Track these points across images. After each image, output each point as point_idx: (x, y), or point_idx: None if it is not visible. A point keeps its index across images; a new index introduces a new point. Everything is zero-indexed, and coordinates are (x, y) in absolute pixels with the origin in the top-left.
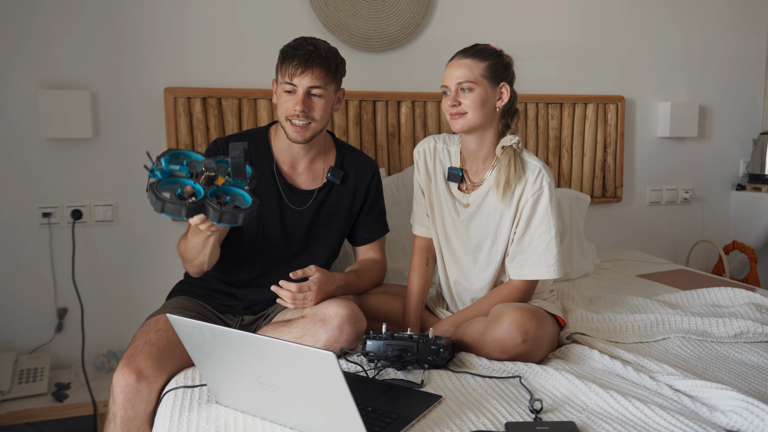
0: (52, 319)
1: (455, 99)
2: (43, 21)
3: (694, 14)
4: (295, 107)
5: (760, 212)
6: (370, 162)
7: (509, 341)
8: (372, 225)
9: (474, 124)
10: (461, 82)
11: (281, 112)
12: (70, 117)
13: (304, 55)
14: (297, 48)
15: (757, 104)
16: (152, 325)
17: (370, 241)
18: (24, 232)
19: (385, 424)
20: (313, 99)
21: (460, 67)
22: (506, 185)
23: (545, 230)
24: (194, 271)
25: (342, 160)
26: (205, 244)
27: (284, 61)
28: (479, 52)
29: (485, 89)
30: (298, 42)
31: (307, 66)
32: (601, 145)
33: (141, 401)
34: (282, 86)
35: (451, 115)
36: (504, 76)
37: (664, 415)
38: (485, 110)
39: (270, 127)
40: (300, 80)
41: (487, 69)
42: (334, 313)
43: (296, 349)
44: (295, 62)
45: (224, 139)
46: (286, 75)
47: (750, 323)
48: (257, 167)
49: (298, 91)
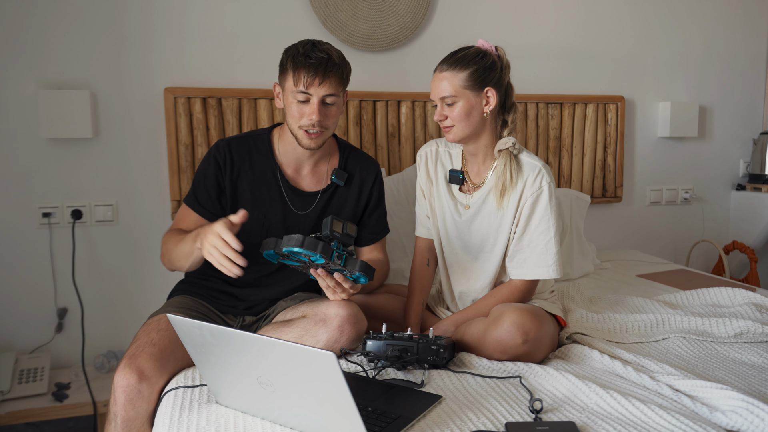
0: (52, 319)
1: (441, 113)
2: (43, 21)
3: (694, 14)
4: (311, 116)
5: (760, 212)
6: (373, 163)
7: (510, 342)
8: (375, 225)
9: (463, 135)
10: (444, 97)
11: (293, 120)
12: (70, 117)
13: (320, 63)
14: (309, 56)
15: (757, 104)
16: (154, 325)
17: (374, 242)
18: (24, 232)
19: (385, 424)
20: (328, 107)
21: (440, 81)
22: (503, 190)
23: (544, 230)
24: (168, 267)
25: (346, 161)
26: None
27: (297, 69)
28: (458, 62)
29: (468, 100)
30: (307, 48)
31: (325, 76)
32: (601, 145)
33: (142, 402)
34: (294, 95)
35: (442, 128)
36: (489, 80)
37: (664, 415)
38: (471, 120)
39: (272, 130)
40: (316, 90)
41: (467, 78)
42: (334, 314)
43: (296, 349)
44: (311, 72)
45: (226, 141)
46: (300, 84)
47: (750, 323)
48: (259, 170)
49: (312, 99)
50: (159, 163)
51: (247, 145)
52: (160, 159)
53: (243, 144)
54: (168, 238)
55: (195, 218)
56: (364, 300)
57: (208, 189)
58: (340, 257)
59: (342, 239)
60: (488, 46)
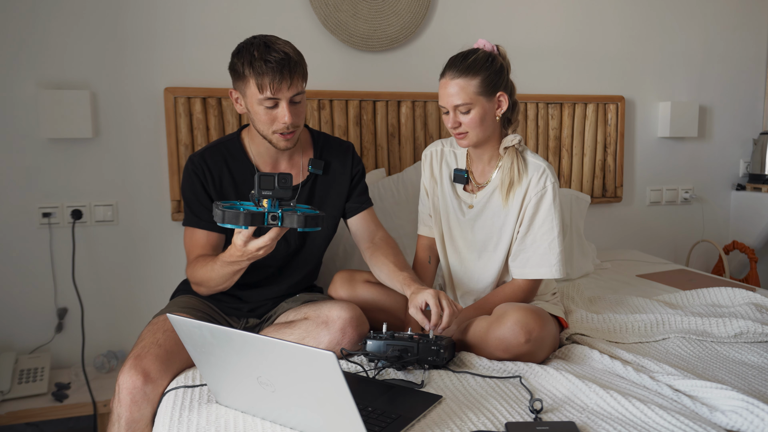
0: (52, 319)
1: (455, 121)
2: (43, 21)
3: (694, 14)
4: (284, 120)
5: (760, 212)
6: (347, 145)
7: (512, 341)
8: (358, 197)
9: (477, 140)
10: (458, 105)
11: (264, 126)
12: (70, 117)
13: (282, 66)
14: (267, 60)
15: (757, 104)
16: (159, 325)
17: (359, 211)
18: (24, 232)
19: (385, 424)
20: (297, 105)
21: (452, 88)
22: (510, 187)
23: (548, 229)
24: (209, 293)
25: (321, 150)
26: (238, 273)
27: (259, 76)
28: (470, 68)
29: (482, 106)
30: (262, 51)
31: (291, 78)
32: (601, 145)
33: (147, 403)
34: (261, 102)
35: (455, 135)
36: (500, 85)
37: (664, 415)
38: (486, 125)
39: (241, 132)
40: (284, 93)
41: (480, 85)
42: (337, 316)
43: (296, 349)
44: (276, 77)
45: (199, 153)
46: (267, 90)
47: (750, 323)
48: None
49: (281, 103)
50: (159, 163)
51: (221, 153)
52: (160, 159)
53: (216, 153)
54: (194, 269)
55: (205, 237)
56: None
57: (203, 203)
58: (275, 217)
59: (276, 194)
60: (490, 47)
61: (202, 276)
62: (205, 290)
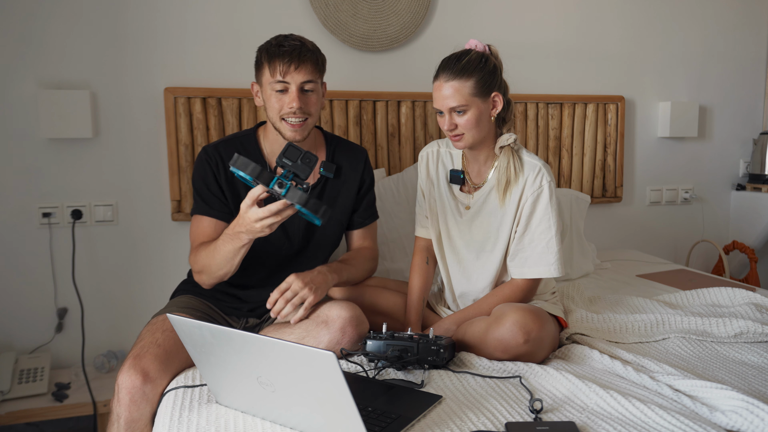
0: (52, 319)
1: (451, 123)
2: (43, 21)
3: (694, 14)
4: (291, 104)
5: (760, 212)
6: (360, 150)
7: (511, 341)
8: (364, 211)
9: (474, 141)
10: (453, 107)
11: (273, 112)
12: (70, 117)
13: (293, 50)
14: (282, 45)
15: (757, 104)
16: (159, 325)
17: (363, 226)
18: (24, 232)
19: (385, 424)
20: (307, 94)
21: (447, 90)
22: (506, 186)
23: (545, 228)
24: (211, 282)
25: (333, 153)
26: (239, 252)
27: (272, 60)
28: (464, 70)
29: (478, 107)
30: (280, 39)
31: (300, 61)
32: (601, 145)
33: (146, 403)
34: (272, 86)
35: (451, 137)
36: (494, 85)
37: (664, 415)
38: (481, 126)
39: (258, 129)
40: (293, 77)
41: (475, 86)
42: (336, 315)
43: (296, 349)
44: (286, 59)
45: (213, 145)
46: (277, 73)
47: (750, 323)
48: None
49: (291, 88)
50: (159, 163)
51: (235, 147)
52: (160, 159)
53: (231, 146)
54: (197, 255)
55: (213, 225)
56: (366, 297)
57: (214, 192)
58: (282, 185)
59: (293, 169)
60: (482, 47)
61: (204, 260)
62: (206, 278)
